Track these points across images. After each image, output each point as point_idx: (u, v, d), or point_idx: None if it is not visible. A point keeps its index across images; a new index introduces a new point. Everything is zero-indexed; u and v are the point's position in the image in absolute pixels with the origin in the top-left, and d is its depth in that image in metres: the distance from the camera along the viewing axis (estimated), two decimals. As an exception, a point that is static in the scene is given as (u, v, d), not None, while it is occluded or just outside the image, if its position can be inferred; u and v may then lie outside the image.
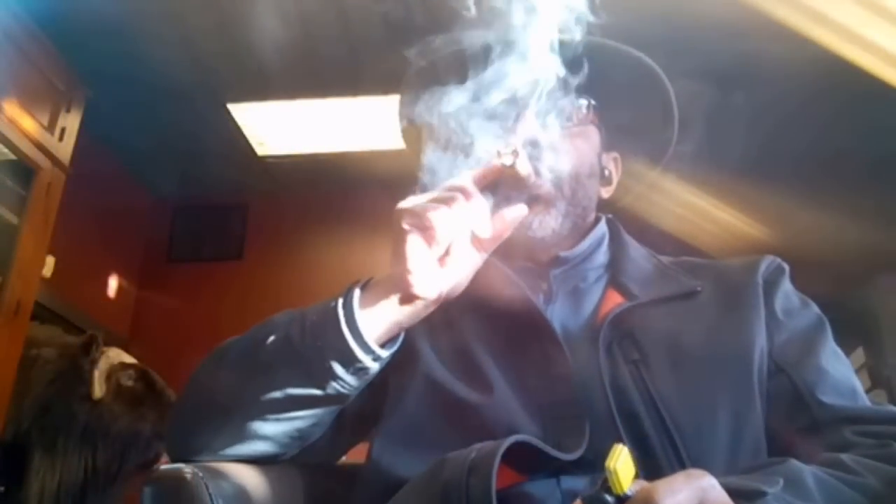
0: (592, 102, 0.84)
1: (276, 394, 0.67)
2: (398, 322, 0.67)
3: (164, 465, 0.70)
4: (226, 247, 3.62)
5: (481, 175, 0.67)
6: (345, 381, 0.66)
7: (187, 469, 0.67)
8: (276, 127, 3.06)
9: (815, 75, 2.19)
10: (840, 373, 0.71)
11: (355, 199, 3.41)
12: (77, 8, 2.26)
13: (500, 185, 0.68)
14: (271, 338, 0.68)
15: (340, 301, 0.65)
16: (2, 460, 1.74)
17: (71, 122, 2.31)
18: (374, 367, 0.66)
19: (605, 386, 0.68)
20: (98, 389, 1.82)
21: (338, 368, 0.64)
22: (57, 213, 2.23)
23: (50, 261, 2.48)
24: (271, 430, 0.70)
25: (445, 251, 0.64)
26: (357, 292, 0.66)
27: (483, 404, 0.70)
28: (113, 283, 3.33)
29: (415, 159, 0.98)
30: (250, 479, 0.72)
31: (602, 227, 0.87)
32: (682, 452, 0.64)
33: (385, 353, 0.66)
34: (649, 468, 0.62)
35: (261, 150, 3.21)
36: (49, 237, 2.21)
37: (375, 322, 0.65)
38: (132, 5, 2.35)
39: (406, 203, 0.63)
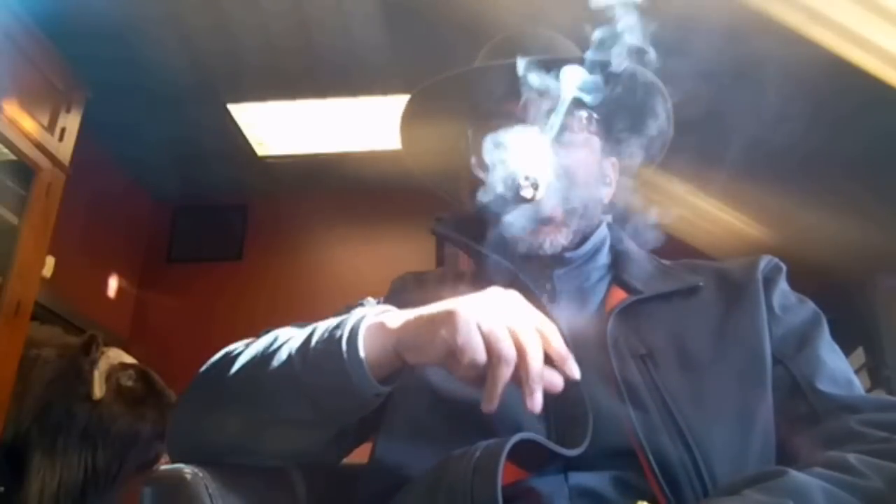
0: (595, 115, 0.85)
1: (277, 417, 0.67)
2: (399, 366, 0.64)
3: (164, 465, 0.70)
4: (225, 247, 3.62)
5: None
6: (346, 412, 0.66)
7: (187, 469, 0.67)
8: (276, 127, 3.05)
9: (816, 76, 2.19)
10: (836, 364, 0.72)
11: (355, 199, 3.41)
12: (77, 8, 2.26)
13: None
14: (274, 362, 0.66)
15: (346, 335, 0.62)
16: (2, 460, 1.74)
17: (71, 122, 2.30)
18: (376, 402, 0.64)
19: (617, 381, 0.68)
20: (98, 390, 1.82)
21: (339, 403, 0.63)
22: (57, 213, 2.23)
23: (50, 261, 2.48)
24: (270, 447, 0.71)
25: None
26: (363, 328, 0.62)
27: None
28: (113, 284, 3.33)
29: (416, 161, 0.99)
30: (250, 479, 0.72)
31: (603, 230, 0.88)
32: (691, 445, 0.64)
33: (387, 389, 0.64)
34: (660, 463, 0.63)
35: (261, 150, 3.20)
36: (49, 237, 2.20)
37: (381, 362, 0.62)
38: (132, 5, 2.35)
39: (480, 311, 0.58)
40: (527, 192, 0.64)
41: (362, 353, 0.61)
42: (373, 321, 0.63)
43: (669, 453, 0.63)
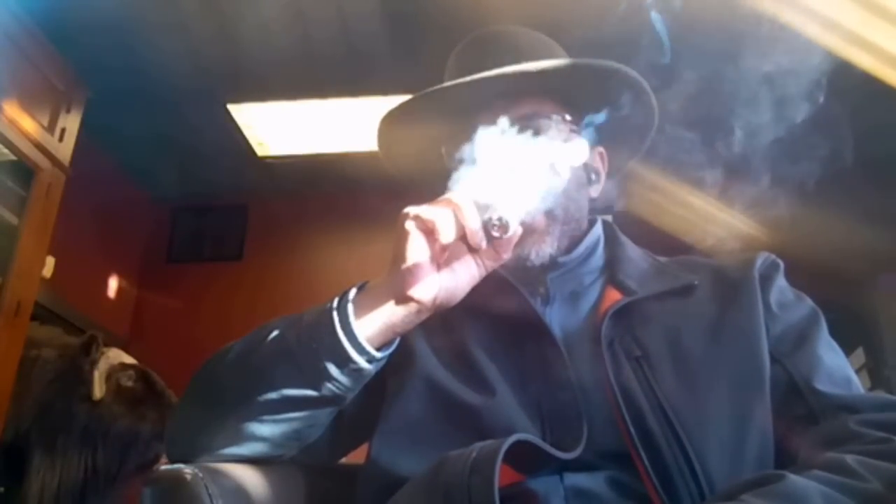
0: (568, 118, 0.83)
1: (272, 394, 0.67)
2: (392, 325, 0.67)
3: (164, 466, 0.70)
4: (225, 247, 3.61)
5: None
6: (339, 381, 0.66)
7: (187, 469, 0.67)
8: (276, 127, 3.05)
9: (819, 77, 2.19)
10: (835, 362, 0.71)
11: (355, 199, 3.41)
12: (77, 8, 2.26)
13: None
14: (268, 339, 0.69)
15: (335, 302, 0.67)
16: (2, 460, 1.74)
17: (71, 122, 2.30)
18: (368, 368, 0.67)
19: (612, 383, 0.68)
20: (98, 390, 1.82)
21: (332, 369, 0.65)
22: (57, 214, 2.23)
23: (50, 261, 2.48)
24: (268, 431, 0.71)
25: (444, 254, 0.65)
26: (353, 293, 0.68)
27: (482, 406, 0.70)
28: (113, 284, 3.33)
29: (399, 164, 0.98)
30: (250, 479, 0.72)
31: (597, 231, 0.87)
32: (686, 447, 0.64)
33: (379, 355, 0.67)
34: (656, 465, 0.63)
35: (261, 151, 3.20)
36: (49, 237, 2.20)
37: (370, 324, 0.66)
38: (133, 6, 2.35)
39: (411, 208, 0.65)
40: (496, 233, 0.65)
41: (352, 318, 0.65)
42: (358, 293, 0.68)
43: (665, 455, 0.63)
